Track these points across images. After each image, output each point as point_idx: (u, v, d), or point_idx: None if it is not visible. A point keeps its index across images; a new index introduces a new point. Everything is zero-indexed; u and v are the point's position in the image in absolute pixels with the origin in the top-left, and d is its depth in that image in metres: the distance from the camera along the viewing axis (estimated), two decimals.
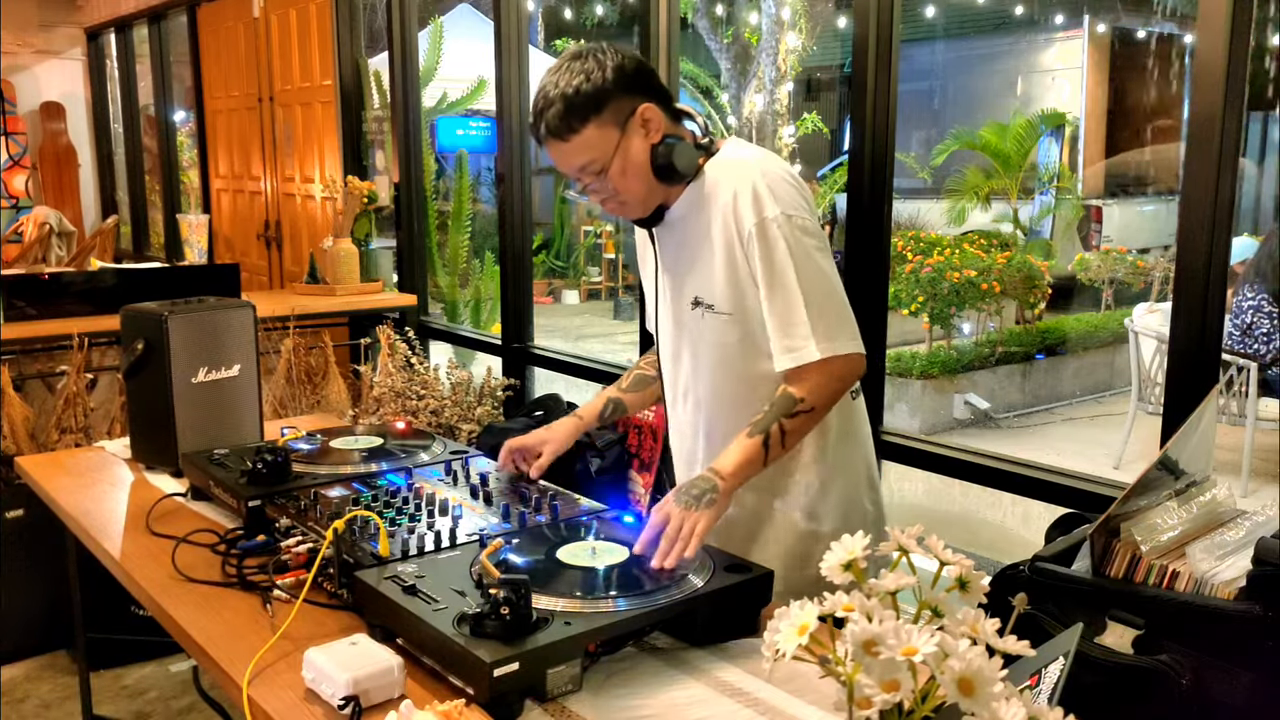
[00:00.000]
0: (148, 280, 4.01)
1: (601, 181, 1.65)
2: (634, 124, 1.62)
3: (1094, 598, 1.41)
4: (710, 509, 1.54)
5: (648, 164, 1.64)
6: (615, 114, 1.61)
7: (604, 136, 1.61)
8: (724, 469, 1.58)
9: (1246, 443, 4.97)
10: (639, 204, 1.70)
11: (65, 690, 3.08)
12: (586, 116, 1.59)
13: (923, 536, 0.93)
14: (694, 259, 1.71)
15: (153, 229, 7.90)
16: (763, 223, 1.61)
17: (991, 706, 0.81)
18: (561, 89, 1.58)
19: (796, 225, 1.61)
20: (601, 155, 1.62)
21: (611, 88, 1.59)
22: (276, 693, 1.31)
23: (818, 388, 1.61)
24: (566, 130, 1.60)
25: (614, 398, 1.98)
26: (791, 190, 1.64)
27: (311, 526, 1.64)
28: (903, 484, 4.88)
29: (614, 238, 11.64)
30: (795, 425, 1.61)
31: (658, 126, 1.64)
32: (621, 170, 1.63)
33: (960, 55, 12.81)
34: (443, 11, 8.64)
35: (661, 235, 1.78)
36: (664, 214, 1.74)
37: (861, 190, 2.60)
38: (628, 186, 1.66)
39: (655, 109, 1.64)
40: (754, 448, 1.59)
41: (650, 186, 1.67)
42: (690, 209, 1.71)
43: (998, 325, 7.42)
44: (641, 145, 1.63)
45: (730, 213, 1.64)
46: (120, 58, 7.75)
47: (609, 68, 1.60)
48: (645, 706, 1.28)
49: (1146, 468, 1.44)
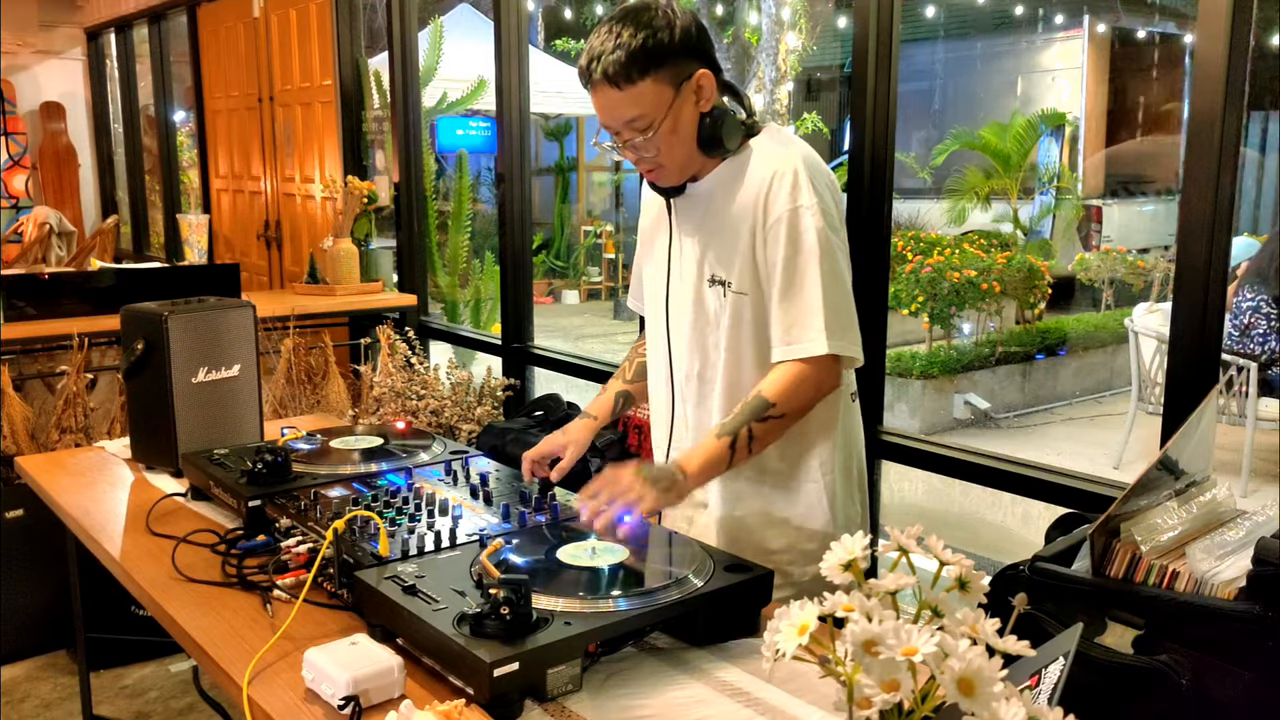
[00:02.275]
0: (148, 280, 4.01)
1: (646, 140, 1.61)
2: (689, 88, 1.60)
3: (1094, 598, 1.41)
4: (664, 494, 1.53)
5: (694, 131, 1.62)
6: (674, 74, 1.58)
7: (659, 94, 1.58)
8: (689, 467, 1.57)
9: (1246, 443, 4.97)
10: (677, 170, 1.67)
11: (65, 690, 3.08)
12: (647, 69, 1.56)
13: (922, 536, 0.93)
14: (717, 236, 1.69)
15: (153, 229, 7.90)
16: (797, 209, 1.59)
17: (991, 706, 0.81)
18: (626, 38, 1.55)
19: (829, 221, 1.61)
20: (652, 112, 1.59)
21: (677, 47, 1.57)
22: (276, 693, 1.31)
23: (791, 394, 1.60)
24: (624, 79, 1.56)
25: (621, 390, 1.96)
26: (829, 186, 1.64)
27: (311, 526, 1.64)
28: (903, 484, 4.88)
29: (614, 238, 11.65)
30: (764, 430, 1.60)
31: (709, 95, 1.62)
32: (670, 131, 1.60)
33: (960, 55, 12.80)
34: (443, 11, 8.64)
35: (681, 207, 1.74)
36: (686, 186, 1.71)
37: (861, 190, 2.60)
38: (670, 150, 1.63)
39: (711, 77, 1.62)
40: (720, 449, 1.58)
41: (691, 154, 1.65)
42: (721, 185, 1.69)
43: (998, 325, 7.42)
44: (692, 111, 1.62)
45: (764, 193, 1.62)
46: (120, 58, 7.75)
47: (677, 26, 1.57)
48: (645, 706, 1.28)
49: (1146, 468, 1.44)
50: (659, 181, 1.71)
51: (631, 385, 1.97)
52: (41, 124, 8.33)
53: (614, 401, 1.95)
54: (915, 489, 4.99)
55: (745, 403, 1.61)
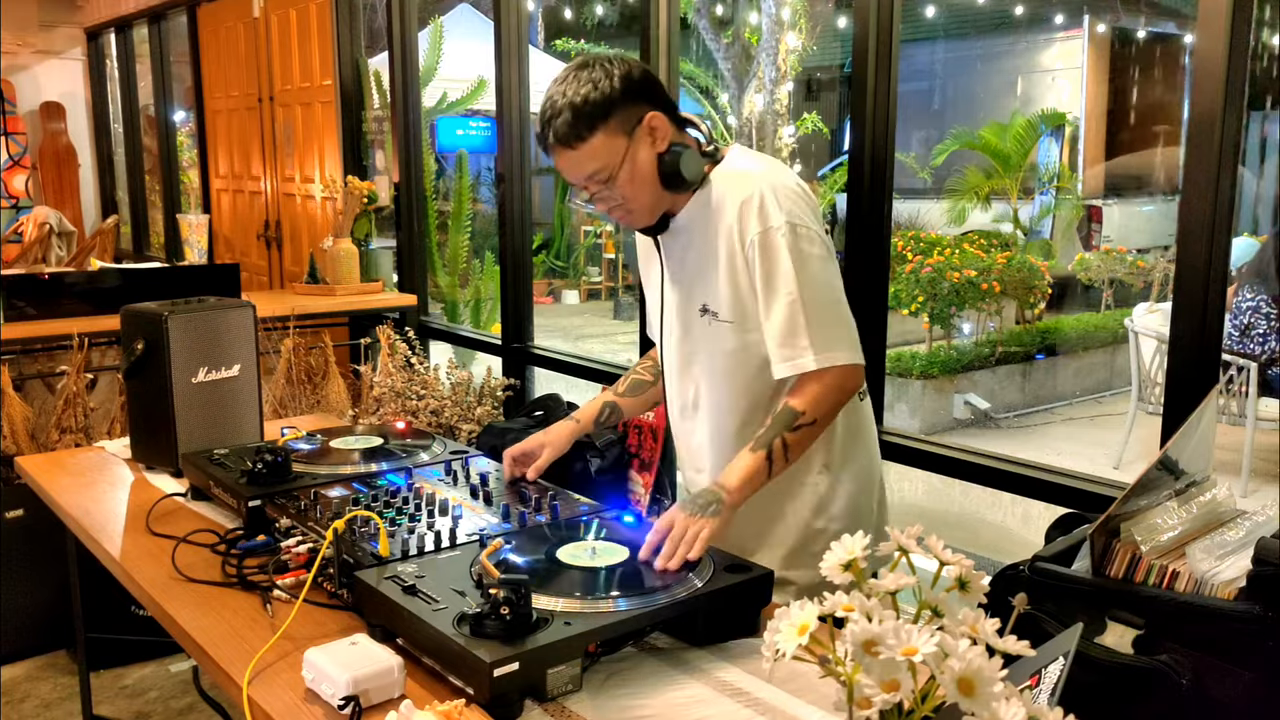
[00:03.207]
0: (148, 280, 4.01)
1: (609, 190, 1.65)
2: (641, 132, 1.63)
3: (1094, 598, 1.41)
4: (715, 518, 1.54)
5: (655, 172, 1.65)
6: (622, 122, 1.62)
7: (612, 144, 1.61)
8: (729, 484, 1.59)
9: (1246, 443, 4.97)
10: (646, 212, 1.71)
11: (65, 690, 3.08)
12: (594, 124, 1.60)
13: (923, 536, 0.93)
14: (700, 267, 1.72)
15: (153, 229, 7.90)
16: (766, 232, 1.62)
17: (991, 706, 0.81)
18: (569, 98, 1.59)
19: (800, 235, 1.62)
20: (609, 163, 1.62)
21: (619, 96, 1.60)
22: (276, 693, 1.31)
23: (818, 400, 1.62)
24: (575, 138, 1.60)
25: (610, 402, 1.99)
26: (797, 200, 1.65)
27: (311, 526, 1.64)
28: (903, 484, 4.88)
29: (614, 238, 11.64)
30: (797, 438, 1.63)
31: (664, 135, 1.65)
32: (629, 178, 1.64)
33: (960, 55, 12.81)
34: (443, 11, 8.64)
35: (667, 243, 1.78)
36: (669, 222, 1.74)
37: (861, 190, 2.60)
38: (635, 194, 1.66)
39: (662, 117, 1.65)
40: (758, 462, 1.61)
41: (657, 194, 1.68)
42: (696, 217, 1.71)
43: (998, 325, 7.42)
44: (648, 153, 1.64)
45: (735, 221, 1.65)
46: (120, 58, 7.75)
47: (616, 76, 1.61)
48: (645, 706, 1.28)
49: (1146, 468, 1.44)
50: (633, 225, 1.74)
51: (622, 399, 2.00)
52: (41, 124, 8.33)
53: (600, 410, 1.98)
54: (915, 489, 4.99)
55: (775, 415, 1.64)
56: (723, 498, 1.57)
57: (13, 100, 8.28)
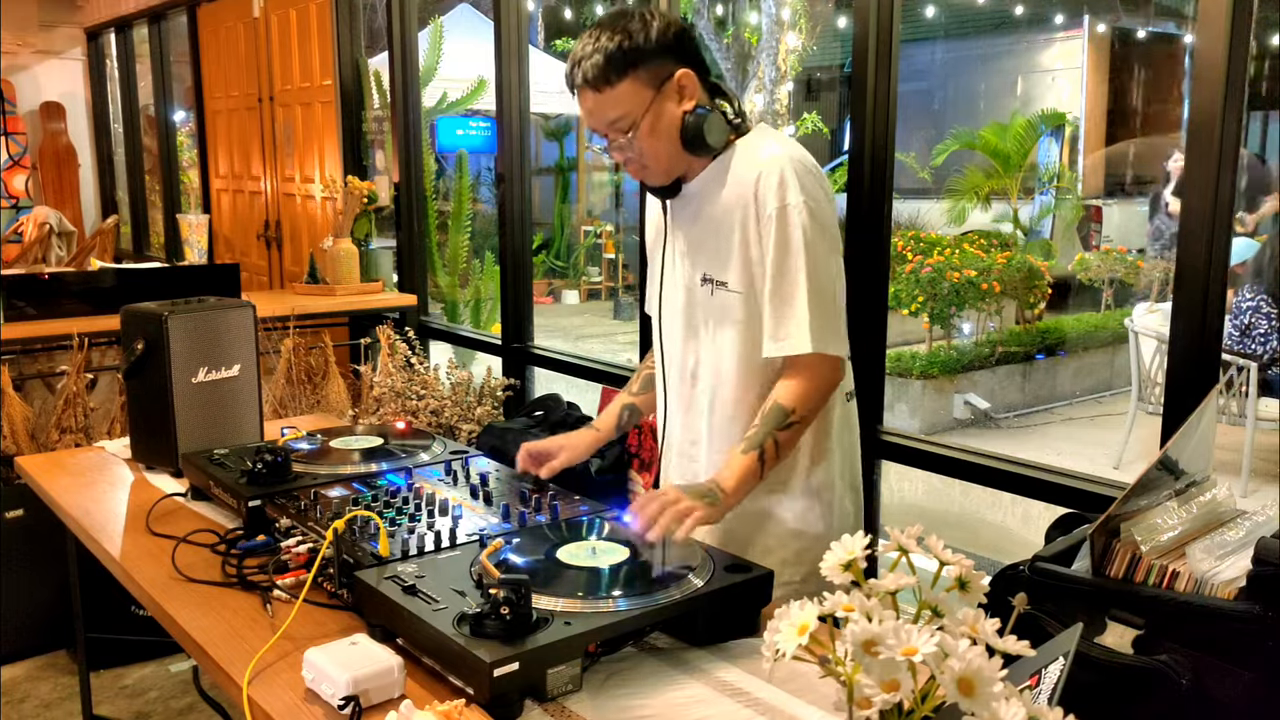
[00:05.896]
0: (148, 280, 4.01)
1: (629, 140, 1.65)
2: (670, 88, 1.64)
3: (1094, 598, 1.41)
4: (711, 508, 1.55)
5: (677, 130, 1.65)
6: (652, 74, 1.62)
7: (638, 94, 1.62)
8: (725, 485, 1.60)
9: (1246, 443, 4.96)
10: (661, 170, 1.70)
11: (65, 690, 3.08)
12: (624, 71, 1.60)
13: (922, 536, 0.93)
14: (709, 235, 1.71)
15: (153, 229, 7.90)
16: (785, 208, 1.61)
17: (991, 706, 0.81)
18: (604, 42, 1.60)
19: (817, 219, 1.63)
20: (632, 112, 1.63)
21: (653, 47, 1.61)
22: (276, 693, 1.31)
23: (807, 397, 1.63)
24: (602, 81, 1.61)
25: (628, 404, 1.98)
26: (818, 185, 1.65)
27: (311, 526, 1.64)
28: (903, 484, 4.88)
29: (614, 238, 11.64)
30: (787, 437, 1.64)
31: (692, 94, 1.65)
32: (650, 131, 1.64)
33: (960, 55, 12.80)
34: (443, 11, 8.63)
35: (676, 209, 1.77)
36: (681, 187, 1.73)
37: (861, 190, 2.60)
38: (654, 149, 1.66)
39: (692, 76, 1.65)
40: (750, 463, 1.62)
41: (675, 153, 1.68)
42: (711, 184, 1.71)
43: (998, 325, 7.41)
44: (674, 110, 1.64)
45: (752, 193, 1.64)
46: (120, 58, 7.75)
47: (654, 28, 1.62)
48: (645, 706, 1.28)
49: (1146, 468, 1.44)
50: (646, 181, 1.74)
51: (638, 398, 1.99)
52: (41, 124, 8.33)
53: (619, 415, 1.98)
54: (915, 489, 4.98)
55: (765, 414, 1.64)
56: (718, 495, 1.58)
57: (13, 100, 8.28)
